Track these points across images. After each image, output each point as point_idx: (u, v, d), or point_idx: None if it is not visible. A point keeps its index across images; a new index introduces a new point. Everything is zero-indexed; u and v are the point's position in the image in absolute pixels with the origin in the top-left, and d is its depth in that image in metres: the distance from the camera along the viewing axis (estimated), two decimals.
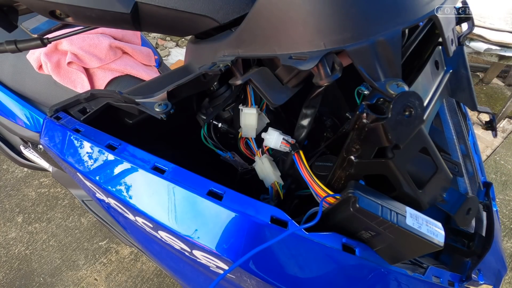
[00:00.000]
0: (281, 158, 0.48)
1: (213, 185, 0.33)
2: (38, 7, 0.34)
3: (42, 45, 0.43)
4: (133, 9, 0.33)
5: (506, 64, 1.82)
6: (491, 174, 1.61)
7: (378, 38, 0.28)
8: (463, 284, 0.39)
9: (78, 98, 0.43)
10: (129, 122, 0.46)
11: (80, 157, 0.39)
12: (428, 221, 0.29)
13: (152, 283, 1.13)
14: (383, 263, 0.33)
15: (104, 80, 0.78)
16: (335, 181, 0.33)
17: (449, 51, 0.36)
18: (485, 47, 1.70)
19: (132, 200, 0.35)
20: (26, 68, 0.80)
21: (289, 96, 0.35)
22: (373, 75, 0.28)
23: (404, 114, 0.24)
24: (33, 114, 0.78)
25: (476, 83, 2.20)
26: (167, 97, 0.36)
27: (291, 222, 0.31)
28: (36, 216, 1.30)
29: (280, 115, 0.54)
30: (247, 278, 0.33)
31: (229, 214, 0.31)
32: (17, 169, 1.46)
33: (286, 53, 0.31)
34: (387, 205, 0.29)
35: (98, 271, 1.15)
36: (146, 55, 0.87)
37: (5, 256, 1.17)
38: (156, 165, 0.35)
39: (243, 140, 0.46)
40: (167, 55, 2.27)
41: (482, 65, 2.25)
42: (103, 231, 1.26)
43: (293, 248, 0.31)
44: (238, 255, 0.30)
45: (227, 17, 0.35)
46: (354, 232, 0.32)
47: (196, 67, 0.42)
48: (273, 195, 0.43)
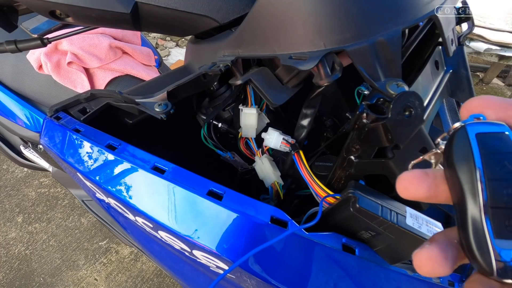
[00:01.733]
0: (281, 158, 0.48)
1: (213, 185, 0.33)
2: (38, 7, 0.34)
3: (42, 45, 0.43)
4: (133, 9, 0.33)
5: (506, 64, 1.82)
6: None
7: (378, 38, 0.28)
8: (463, 284, 0.39)
9: (78, 98, 0.43)
10: (129, 122, 0.46)
11: (80, 157, 0.39)
12: (428, 221, 0.29)
13: (152, 283, 1.13)
14: (383, 263, 0.33)
15: (104, 80, 0.78)
16: (335, 181, 0.33)
17: (449, 51, 0.36)
18: (485, 47, 1.70)
19: (132, 200, 0.35)
20: (26, 68, 0.80)
21: (289, 96, 0.35)
22: (373, 75, 0.28)
23: (404, 114, 0.24)
24: (33, 114, 0.78)
25: (476, 83, 2.20)
26: (167, 97, 0.36)
27: (291, 222, 0.31)
28: (36, 216, 1.30)
29: (280, 115, 0.54)
30: (247, 278, 0.33)
31: (229, 214, 0.31)
32: (17, 169, 1.46)
33: (286, 53, 0.31)
34: (387, 205, 0.29)
35: (98, 271, 1.15)
36: (146, 55, 0.87)
37: (5, 256, 1.17)
38: (156, 165, 0.35)
39: (243, 140, 0.46)
40: (167, 55, 2.27)
41: (482, 65, 2.25)
42: (103, 231, 1.26)
43: (293, 248, 0.31)
44: (238, 255, 0.30)
45: (227, 17, 0.35)
46: (354, 232, 0.32)
47: (196, 67, 0.42)
48: (273, 195, 0.43)
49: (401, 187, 0.17)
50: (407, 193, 0.17)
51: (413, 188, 0.17)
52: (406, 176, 0.17)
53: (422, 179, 0.17)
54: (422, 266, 0.16)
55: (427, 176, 0.17)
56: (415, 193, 0.17)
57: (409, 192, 0.17)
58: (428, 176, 0.17)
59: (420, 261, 0.16)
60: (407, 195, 0.17)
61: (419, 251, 0.16)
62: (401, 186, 0.17)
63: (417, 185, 0.16)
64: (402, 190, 0.17)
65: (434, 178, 0.16)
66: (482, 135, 0.15)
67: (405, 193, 0.17)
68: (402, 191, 0.17)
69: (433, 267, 0.15)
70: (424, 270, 0.16)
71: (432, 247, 0.16)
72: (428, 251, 0.16)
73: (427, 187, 0.16)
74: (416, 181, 0.17)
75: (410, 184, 0.17)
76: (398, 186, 0.17)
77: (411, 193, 0.17)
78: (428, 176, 0.17)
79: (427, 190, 0.16)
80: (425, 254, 0.16)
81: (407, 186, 0.17)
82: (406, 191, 0.17)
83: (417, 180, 0.17)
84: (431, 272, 0.15)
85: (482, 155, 0.15)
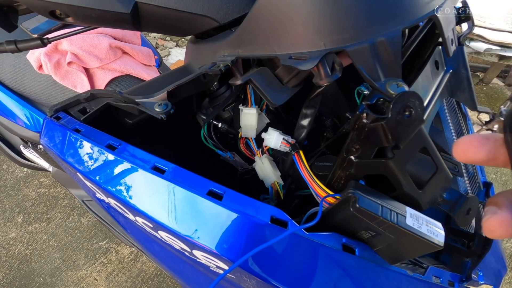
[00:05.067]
0: (281, 158, 0.48)
1: (213, 185, 0.33)
2: (38, 7, 0.34)
3: (42, 45, 0.43)
4: (133, 9, 0.33)
5: (506, 64, 1.82)
6: (491, 174, 1.61)
7: (378, 38, 0.28)
8: (463, 284, 0.39)
9: (78, 98, 0.43)
10: (129, 122, 0.46)
11: (80, 157, 0.39)
12: (428, 221, 0.29)
13: (152, 283, 1.13)
14: (383, 263, 0.33)
15: (104, 80, 0.78)
16: (335, 181, 0.33)
17: (449, 51, 0.36)
18: (485, 47, 1.70)
19: (132, 200, 0.35)
20: (26, 68, 0.80)
21: (289, 96, 0.35)
22: (373, 75, 0.28)
23: (404, 114, 0.24)
24: (33, 114, 0.78)
25: (476, 83, 2.20)
26: (167, 97, 0.36)
27: (291, 222, 0.31)
28: (36, 216, 1.30)
29: (280, 115, 0.54)
30: (247, 278, 0.33)
31: (229, 214, 0.31)
32: (17, 169, 1.46)
33: (286, 53, 0.31)
34: (387, 205, 0.29)
35: (98, 271, 1.15)
36: (146, 55, 0.87)
37: (5, 256, 1.17)
38: (156, 165, 0.35)
39: (243, 140, 0.46)
40: (167, 55, 2.27)
41: (482, 65, 2.25)
42: (103, 231, 1.26)
43: (293, 248, 0.31)
44: (238, 255, 0.30)
45: (227, 17, 0.35)
46: (354, 232, 0.32)
47: (196, 67, 0.42)
48: (273, 195, 0.43)
49: (459, 150, 0.17)
50: (465, 156, 0.17)
51: (472, 151, 0.17)
52: (465, 140, 0.17)
53: (482, 142, 0.17)
54: (495, 230, 0.16)
55: (488, 140, 0.17)
56: (474, 156, 0.17)
57: (467, 155, 0.17)
58: (488, 140, 0.17)
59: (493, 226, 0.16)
60: (464, 158, 0.17)
61: (490, 217, 0.17)
62: (459, 149, 0.17)
63: (477, 148, 0.17)
64: (460, 153, 0.17)
65: (494, 141, 0.17)
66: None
67: (463, 156, 0.17)
68: (460, 154, 0.17)
69: (506, 230, 0.16)
70: (497, 234, 0.16)
71: (502, 212, 0.16)
72: (500, 217, 0.16)
73: (487, 150, 0.17)
74: (477, 143, 0.17)
75: (470, 147, 0.17)
76: (456, 149, 0.18)
77: (470, 156, 0.17)
78: (489, 140, 0.17)
79: (487, 153, 0.17)
80: (496, 220, 0.16)
81: (466, 149, 0.17)
82: (464, 154, 0.17)
83: (477, 143, 0.17)
84: (505, 234, 0.16)
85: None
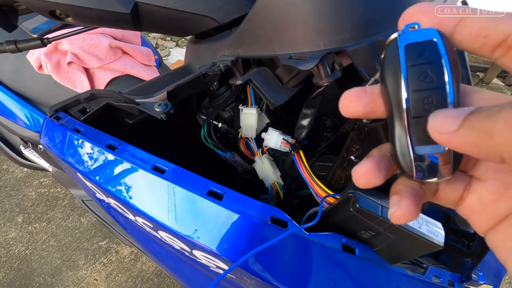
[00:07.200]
0: (281, 158, 0.48)
1: (213, 185, 0.33)
2: (38, 7, 0.34)
3: (42, 45, 0.43)
4: (133, 9, 0.33)
5: None
6: None
7: (378, 38, 0.28)
8: (463, 284, 0.39)
9: (78, 98, 0.43)
10: (129, 122, 0.46)
11: (80, 157, 0.39)
12: (428, 221, 0.29)
13: (152, 283, 1.13)
14: (383, 263, 0.33)
15: (104, 80, 0.78)
16: (335, 181, 0.33)
17: None
18: None
19: (132, 200, 0.35)
20: (26, 68, 0.80)
21: (289, 96, 0.35)
22: (373, 75, 0.28)
23: None
24: (33, 114, 0.78)
25: (476, 83, 2.20)
26: (167, 97, 0.36)
27: (291, 222, 0.31)
28: (36, 216, 1.30)
29: (280, 115, 0.54)
30: (247, 278, 0.33)
31: (229, 214, 0.31)
32: (17, 169, 1.46)
33: (286, 53, 0.31)
34: (387, 205, 0.29)
35: (98, 271, 1.15)
36: (146, 55, 0.87)
37: (5, 256, 1.18)
38: (156, 165, 0.35)
39: (243, 140, 0.46)
40: (167, 55, 2.27)
41: (482, 65, 2.25)
42: (103, 231, 1.26)
43: (293, 248, 0.31)
44: (238, 255, 0.30)
45: (227, 17, 0.35)
46: (354, 232, 0.32)
47: (196, 67, 0.42)
48: (273, 195, 0.43)
49: (342, 106, 0.17)
50: (347, 112, 0.17)
51: (352, 106, 0.17)
52: (345, 95, 0.17)
53: (360, 96, 0.17)
54: (360, 179, 0.17)
55: (365, 93, 0.17)
56: (354, 111, 0.17)
57: (349, 111, 0.17)
58: (366, 93, 0.17)
59: (357, 175, 0.17)
60: (348, 114, 0.17)
61: (357, 167, 0.17)
62: (341, 105, 0.17)
63: (355, 103, 0.17)
64: (343, 109, 0.17)
65: (372, 94, 0.16)
66: (411, 45, 0.15)
67: (346, 112, 0.17)
68: (343, 110, 0.17)
69: (368, 179, 0.16)
70: (361, 183, 0.17)
71: (367, 162, 0.17)
72: (364, 166, 0.17)
73: (365, 104, 0.16)
74: (355, 98, 0.17)
75: (350, 102, 0.17)
76: (340, 106, 0.17)
77: (351, 111, 0.17)
78: (366, 92, 0.17)
79: (365, 106, 0.16)
80: (361, 169, 0.17)
81: (347, 104, 0.17)
82: (346, 110, 0.17)
83: (355, 97, 0.17)
84: (367, 183, 0.17)
85: (408, 66, 0.15)
